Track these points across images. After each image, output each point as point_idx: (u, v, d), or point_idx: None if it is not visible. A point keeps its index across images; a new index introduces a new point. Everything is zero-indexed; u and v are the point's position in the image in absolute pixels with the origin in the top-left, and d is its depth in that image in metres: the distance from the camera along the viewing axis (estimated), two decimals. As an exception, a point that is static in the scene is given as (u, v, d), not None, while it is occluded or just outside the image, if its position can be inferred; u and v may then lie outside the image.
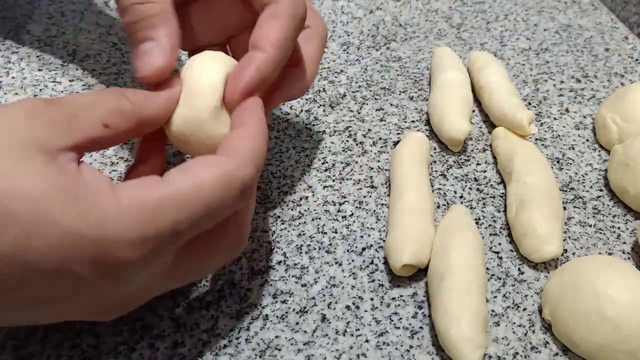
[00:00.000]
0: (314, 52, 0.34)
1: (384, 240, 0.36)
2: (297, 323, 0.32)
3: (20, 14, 0.52)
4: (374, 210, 0.38)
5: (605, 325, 0.29)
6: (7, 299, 0.22)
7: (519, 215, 0.36)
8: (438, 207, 0.39)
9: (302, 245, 0.36)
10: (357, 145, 0.43)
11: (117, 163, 0.40)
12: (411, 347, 0.31)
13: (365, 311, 0.33)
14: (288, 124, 0.44)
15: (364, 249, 0.36)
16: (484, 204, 0.39)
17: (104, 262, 0.22)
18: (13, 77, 0.45)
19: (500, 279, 0.35)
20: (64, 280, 0.22)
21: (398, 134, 0.44)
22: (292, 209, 0.38)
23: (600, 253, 0.36)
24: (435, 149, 0.43)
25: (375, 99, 0.47)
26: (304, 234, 0.37)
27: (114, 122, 0.25)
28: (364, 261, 0.35)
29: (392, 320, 0.32)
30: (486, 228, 0.38)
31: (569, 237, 0.37)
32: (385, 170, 0.41)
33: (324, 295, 0.34)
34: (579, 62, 0.52)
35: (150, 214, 0.23)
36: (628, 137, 0.41)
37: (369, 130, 0.44)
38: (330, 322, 0.32)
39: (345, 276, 0.35)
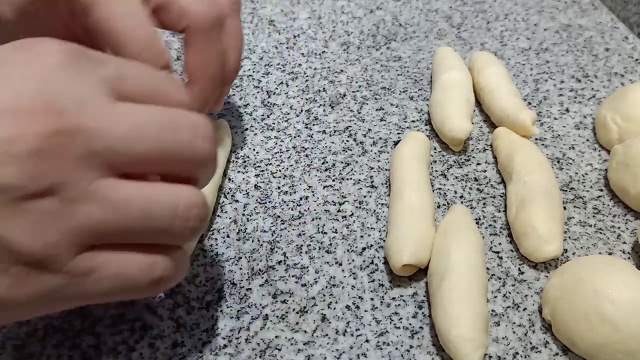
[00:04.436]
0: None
1: (384, 240, 0.36)
2: (297, 323, 0.32)
3: None
4: (374, 210, 0.38)
5: (605, 325, 0.29)
6: None
7: (519, 215, 0.36)
8: (438, 207, 0.39)
9: (302, 245, 0.36)
10: (357, 145, 0.43)
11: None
12: (411, 347, 0.31)
13: (366, 311, 0.33)
14: (288, 124, 0.44)
15: (364, 249, 0.36)
16: (484, 204, 0.39)
17: None
18: None
19: (500, 279, 0.35)
20: None
21: (398, 133, 0.44)
22: (292, 209, 0.38)
23: (600, 253, 0.36)
24: (435, 148, 0.43)
25: (376, 98, 0.47)
26: (304, 234, 0.37)
27: None
28: (364, 261, 0.35)
29: (392, 320, 0.32)
30: (486, 228, 0.38)
31: (569, 237, 0.37)
32: (385, 170, 0.41)
33: (324, 295, 0.33)
34: (579, 62, 0.52)
35: None
36: (628, 137, 0.41)
37: (369, 130, 0.44)
38: (330, 322, 0.32)
39: (345, 276, 0.35)
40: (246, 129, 0.44)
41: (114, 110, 0.22)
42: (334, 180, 0.40)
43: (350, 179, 0.40)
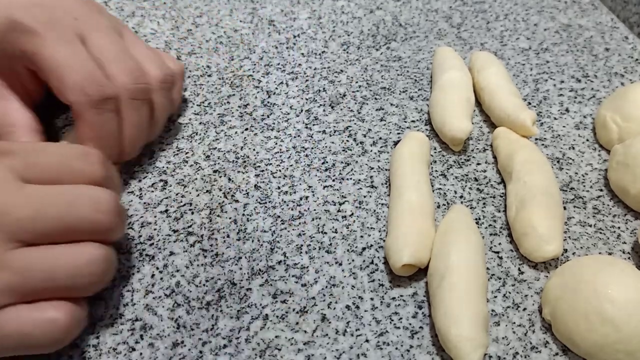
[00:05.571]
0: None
1: (384, 240, 0.36)
2: (297, 323, 0.32)
3: None
4: (374, 210, 0.38)
5: (605, 325, 0.29)
6: None
7: (519, 215, 0.36)
8: (438, 207, 0.39)
9: (302, 245, 0.36)
10: (357, 145, 0.43)
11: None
12: (411, 347, 0.31)
13: (365, 311, 0.33)
14: (288, 124, 0.44)
15: (364, 248, 0.36)
16: (484, 203, 0.39)
17: None
18: None
19: (500, 278, 0.35)
20: None
21: (398, 133, 0.44)
22: (292, 209, 0.38)
23: (600, 253, 0.36)
24: (435, 148, 0.43)
25: (376, 98, 0.47)
26: (304, 234, 0.37)
27: None
28: (364, 261, 0.35)
29: (392, 320, 0.32)
30: (486, 228, 0.38)
31: (569, 237, 0.37)
32: (385, 170, 0.41)
33: (324, 295, 0.34)
34: (579, 62, 0.52)
35: None
36: (628, 137, 0.41)
37: (369, 130, 0.44)
38: (330, 322, 0.32)
39: (345, 276, 0.35)
40: (246, 129, 0.44)
41: (20, 193, 0.26)
42: (334, 180, 0.40)
43: (350, 179, 0.40)
